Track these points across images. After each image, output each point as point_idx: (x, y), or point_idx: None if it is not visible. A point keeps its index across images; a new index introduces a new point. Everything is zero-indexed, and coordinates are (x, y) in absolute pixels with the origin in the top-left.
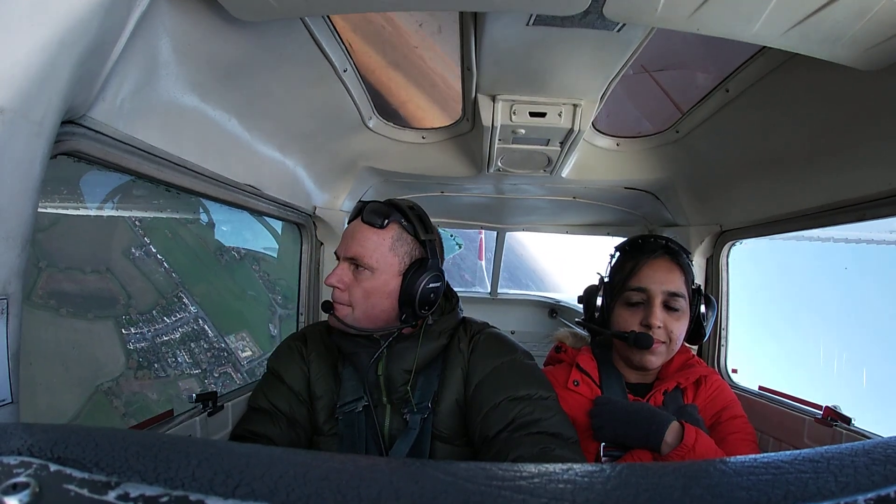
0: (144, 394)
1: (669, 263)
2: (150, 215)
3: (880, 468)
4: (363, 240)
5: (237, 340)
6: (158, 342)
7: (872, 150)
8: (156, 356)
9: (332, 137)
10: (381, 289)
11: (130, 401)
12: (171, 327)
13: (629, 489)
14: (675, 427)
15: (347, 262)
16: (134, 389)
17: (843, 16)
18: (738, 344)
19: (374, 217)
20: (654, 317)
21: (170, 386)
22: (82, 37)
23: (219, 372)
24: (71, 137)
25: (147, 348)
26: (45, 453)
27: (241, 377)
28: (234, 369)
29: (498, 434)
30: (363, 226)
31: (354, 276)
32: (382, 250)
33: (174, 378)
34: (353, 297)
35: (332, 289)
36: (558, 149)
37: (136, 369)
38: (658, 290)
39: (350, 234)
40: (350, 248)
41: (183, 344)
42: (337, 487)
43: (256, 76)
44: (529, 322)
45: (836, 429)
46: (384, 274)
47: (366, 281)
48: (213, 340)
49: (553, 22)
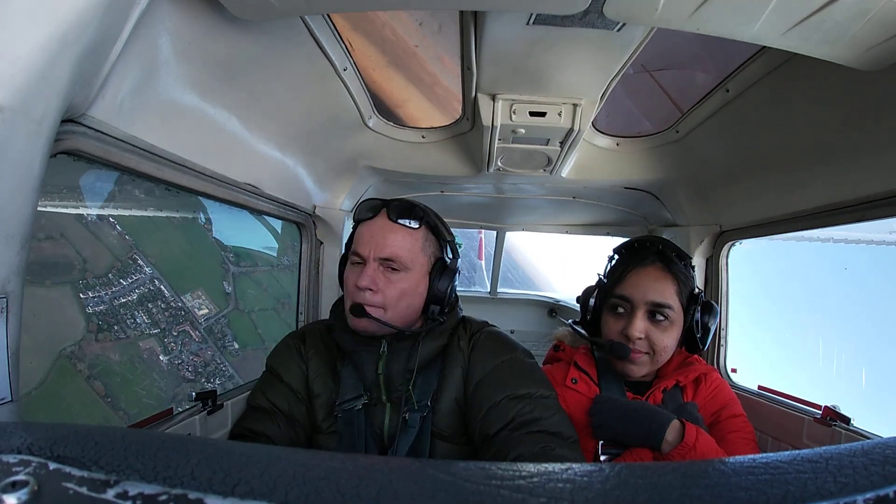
0: (107, 356)
1: (659, 272)
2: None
3: (879, 468)
4: (399, 240)
5: (193, 299)
6: (117, 304)
7: (873, 150)
8: (115, 318)
9: (332, 136)
10: (413, 289)
11: (94, 363)
12: (128, 289)
13: (628, 489)
14: (676, 426)
15: (377, 263)
16: (96, 352)
17: (844, 16)
18: (737, 343)
19: (408, 217)
20: (633, 328)
21: (130, 347)
22: (82, 35)
23: (177, 331)
24: (71, 136)
25: (106, 311)
26: (45, 451)
27: (198, 334)
28: (192, 327)
29: (498, 433)
30: (395, 225)
31: (386, 276)
32: (416, 250)
33: (135, 339)
34: (387, 299)
35: (362, 291)
36: (558, 148)
37: (97, 332)
38: (641, 300)
39: (379, 234)
40: (384, 248)
41: (141, 305)
42: (336, 486)
43: (256, 75)
44: (529, 321)
45: (836, 429)
46: (417, 274)
47: (401, 282)
48: (169, 300)
49: (553, 21)
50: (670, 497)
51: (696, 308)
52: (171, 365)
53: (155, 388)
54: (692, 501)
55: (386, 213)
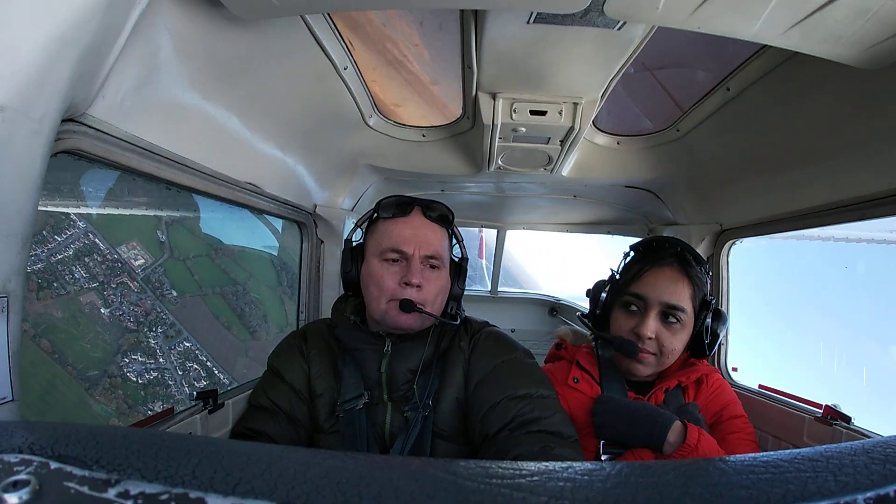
0: (50, 314)
1: (677, 274)
2: None
3: (879, 467)
4: (438, 238)
5: (129, 250)
6: (54, 261)
7: (873, 149)
8: (53, 275)
9: (333, 135)
10: (446, 286)
11: (38, 322)
12: (64, 245)
13: (628, 487)
14: (678, 427)
15: (420, 260)
16: (38, 311)
17: (844, 15)
18: (737, 343)
19: (443, 217)
20: (645, 327)
21: (71, 303)
22: (83, 34)
23: (115, 283)
24: (71, 135)
25: (44, 269)
26: (46, 451)
27: (136, 285)
28: (129, 279)
29: (498, 432)
30: (433, 224)
31: (426, 274)
32: (446, 249)
33: (74, 294)
34: (427, 295)
35: (410, 288)
36: (559, 147)
37: (38, 291)
38: (656, 300)
39: (421, 232)
40: (429, 246)
41: (78, 260)
42: (337, 485)
43: (257, 74)
44: (529, 320)
45: (836, 427)
46: (447, 272)
47: (439, 279)
48: (105, 253)
49: (554, 20)
50: (671, 495)
51: (707, 314)
52: (113, 317)
53: (100, 341)
54: (693, 500)
55: (421, 210)
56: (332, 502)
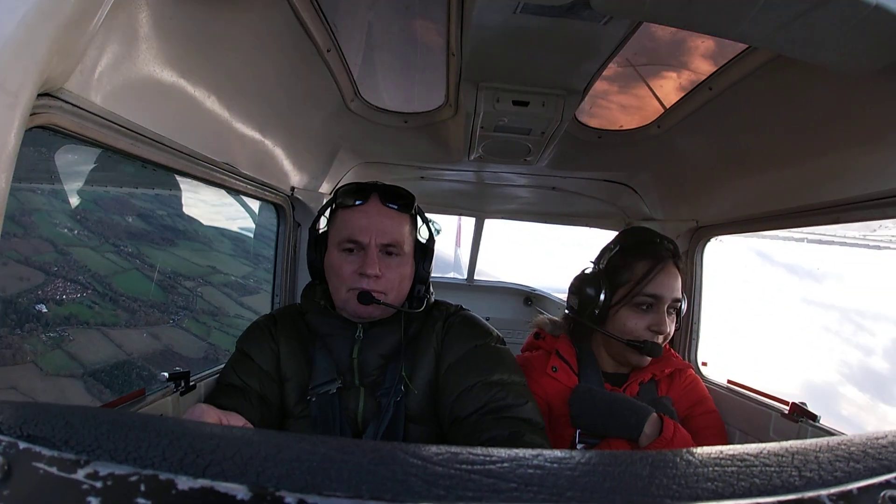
0: None
1: (674, 269)
2: None
3: (843, 464)
4: (396, 225)
5: None
6: None
7: (851, 154)
8: None
9: (313, 118)
10: (409, 272)
11: None
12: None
13: (596, 476)
14: (655, 419)
15: (378, 249)
16: None
17: (829, 20)
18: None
19: (403, 202)
20: (664, 324)
21: None
22: (62, 7)
23: None
24: (48, 110)
25: None
26: (15, 431)
27: None
28: None
29: (469, 415)
30: (390, 210)
31: (386, 262)
32: (407, 234)
33: None
34: (388, 284)
35: (367, 278)
36: (540, 139)
37: None
38: (669, 297)
39: (377, 220)
40: (385, 234)
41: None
42: (308, 469)
43: (238, 53)
44: (504, 309)
45: (802, 425)
46: (410, 258)
47: (400, 266)
48: None
49: (540, 11)
50: (636, 486)
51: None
52: None
53: None
54: (658, 490)
55: (378, 197)
56: (302, 486)
